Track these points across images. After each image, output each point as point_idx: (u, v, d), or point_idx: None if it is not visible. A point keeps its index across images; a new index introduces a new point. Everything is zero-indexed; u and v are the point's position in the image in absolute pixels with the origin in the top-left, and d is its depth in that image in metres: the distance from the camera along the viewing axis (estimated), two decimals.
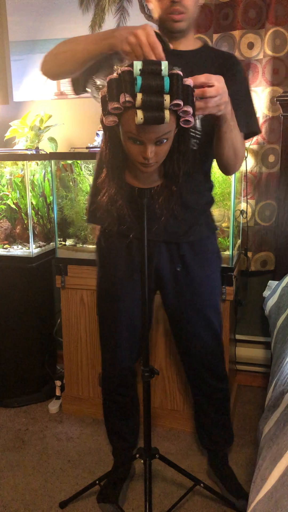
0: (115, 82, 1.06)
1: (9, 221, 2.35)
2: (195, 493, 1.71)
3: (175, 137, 1.16)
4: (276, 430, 1.04)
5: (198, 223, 1.51)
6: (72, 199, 2.13)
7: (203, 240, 1.54)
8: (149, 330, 1.74)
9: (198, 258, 1.54)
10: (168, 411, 2.12)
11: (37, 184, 2.31)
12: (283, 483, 0.83)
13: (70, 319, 2.17)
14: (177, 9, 1.33)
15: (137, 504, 1.70)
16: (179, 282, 1.55)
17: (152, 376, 1.44)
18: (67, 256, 2.13)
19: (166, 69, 1.03)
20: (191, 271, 1.54)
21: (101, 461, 1.93)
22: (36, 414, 2.27)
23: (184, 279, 1.54)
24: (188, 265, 1.53)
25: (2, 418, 2.24)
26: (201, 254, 1.54)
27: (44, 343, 2.39)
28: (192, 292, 1.56)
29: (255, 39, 2.07)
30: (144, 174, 1.22)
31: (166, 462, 1.62)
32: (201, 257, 1.55)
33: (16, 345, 2.30)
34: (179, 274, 1.54)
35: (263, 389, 2.36)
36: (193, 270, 1.54)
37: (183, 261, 1.52)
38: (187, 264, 1.53)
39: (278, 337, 1.68)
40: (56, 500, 1.72)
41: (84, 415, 2.23)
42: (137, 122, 1.03)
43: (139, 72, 1.02)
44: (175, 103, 1.04)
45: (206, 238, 1.56)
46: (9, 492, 1.77)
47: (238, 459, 1.90)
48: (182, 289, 1.56)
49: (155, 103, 1.02)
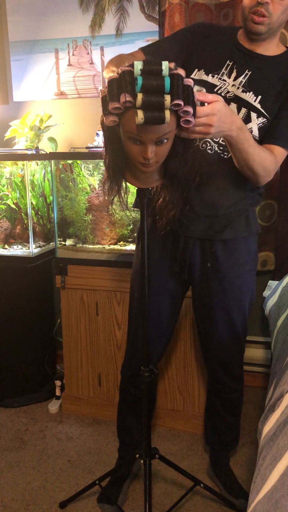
0: (115, 82, 1.06)
1: (9, 221, 2.35)
2: (195, 493, 1.71)
3: (175, 137, 1.16)
4: (276, 430, 1.04)
5: (236, 222, 1.49)
6: (72, 199, 2.13)
7: (239, 240, 1.52)
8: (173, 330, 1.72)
9: (230, 257, 1.52)
10: (168, 411, 2.12)
11: (37, 184, 2.31)
12: (283, 483, 0.83)
13: (70, 319, 2.17)
14: (260, 10, 1.29)
15: (137, 504, 1.70)
16: (208, 279, 1.53)
17: (152, 376, 1.44)
18: (67, 256, 2.13)
19: (167, 69, 1.03)
20: (221, 269, 1.52)
21: (101, 461, 1.93)
22: (36, 414, 2.27)
23: (213, 276, 1.53)
24: (219, 263, 1.51)
25: (2, 418, 2.24)
26: (234, 253, 1.52)
27: (44, 343, 2.39)
28: (219, 291, 1.54)
29: None
30: (145, 174, 1.22)
31: (166, 462, 1.62)
32: (234, 256, 1.52)
33: (16, 345, 2.30)
34: (209, 271, 1.52)
35: (263, 389, 2.36)
36: (224, 269, 1.52)
37: (214, 258, 1.51)
38: (218, 261, 1.51)
39: (278, 337, 1.68)
40: (56, 500, 1.72)
41: (84, 415, 2.23)
42: (138, 122, 1.03)
43: (139, 72, 1.02)
44: (175, 103, 1.04)
45: (243, 239, 1.52)
46: (9, 492, 1.77)
47: (238, 459, 1.90)
48: (210, 286, 1.54)
49: (155, 103, 1.02)
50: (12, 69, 2.53)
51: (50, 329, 2.47)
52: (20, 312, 2.27)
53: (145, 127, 1.06)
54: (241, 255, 1.53)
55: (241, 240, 1.52)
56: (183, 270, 1.54)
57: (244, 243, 1.53)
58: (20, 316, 2.28)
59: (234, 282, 1.54)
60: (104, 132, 1.19)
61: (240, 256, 1.53)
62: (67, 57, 2.43)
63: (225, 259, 1.51)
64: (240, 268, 1.54)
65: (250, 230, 1.53)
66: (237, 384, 1.71)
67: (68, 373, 2.23)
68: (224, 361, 1.66)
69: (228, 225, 1.48)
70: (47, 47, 2.45)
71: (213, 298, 1.56)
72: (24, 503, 1.72)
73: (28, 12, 2.43)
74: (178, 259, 1.53)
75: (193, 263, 1.53)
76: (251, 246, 1.56)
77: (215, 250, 1.50)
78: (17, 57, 2.51)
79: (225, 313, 1.57)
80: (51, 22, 2.41)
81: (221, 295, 1.55)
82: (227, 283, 1.53)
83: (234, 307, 1.57)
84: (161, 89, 1.02)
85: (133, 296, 1.66)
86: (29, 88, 2.52)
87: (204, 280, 1.55)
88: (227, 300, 1.55)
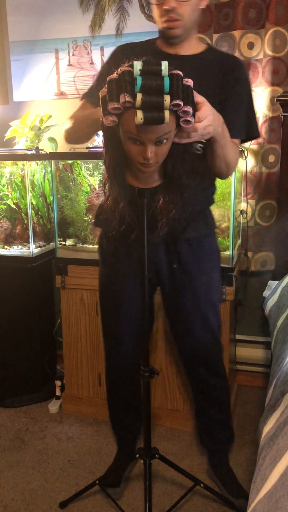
0: (115, 82, 1.06)
1: (9, 221, 2.35)
2: (195, 493, 1.71)
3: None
4: (276, 430, 1.04)
5: (196, 221, 1.53)
6: (72, 199, 2.13)
7: (201, 238, 1.56)
8: (151, 327, 1.75)
9: (195, 256, 1.55)
10: (168, 411, 2.12)
11: (37, 184, 2.31)
12: (283, 483, 0.83)
13: (70, 319, 2.17)
14: (171, 16, 1.33)
15: (137, 504, 1.70)
16: (176, 279, 1.57)
17: (152, 376, 1.44)
18: (67, 256, 2.13)
19: (166, 69, 1.03)
20: (187, 269, 1.55)
21: (101, 461, 1.93)
22: (36, 414, 2.27)
23: (181, 276, 1.56)
24: (185, 262, 1.54)
25: (2, 418, 2.24)
26: (198, 252, 1.55)
27: (44, 343, 2.39)
28: (188, 289, 1.57)
29: (255, 39, 2.07)
30: (144, 174, 1.22)
31: (166, 462, 1.62)
32: (198, 255, 1.56)
33: (16, 345, 2.30)
34: (175, 271, 1.56)
35: (263, 389, 2.36)
36: (190, 268, 1.55)
37: (179, 258, 1.54)
38: (183, 261, 1.54)
39: (278, 337, 1.68)
40: (56, 500, 1.72)
41: (84, 415, 2.23)
42: (137, 122, 1.03)
43: (139, 72, 1.02)
44: (175, 103, 1.04)
45: (205, 237, 1.57)
46: (9, 492, 1.77)
47: (238, 459, 1.90)
48: (179, 286, 1.58)
49: (155, 103, 1.02)
50: (12, 69, 2.53)
51: (50, 329, 2.47)
52: (20, 312, 2.27)
53: (145, 127, 1.06)
54: (204, 253, 1.57)
55: (203, 238, 1.56)
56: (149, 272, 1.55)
57: (206, 240, 1.57)
58: (20, 316, 2.28)
59: (201, 279, 1.57)
60: (104, 132, 1.19)
61: (203, 254, 1.57)
62: (67, 57, 2.43)
63: (189, 258, 1.55)
64: (205, 265, 1.58)
65: (210, 228, 1.59)
66: (221, 381, 1.72)
67: (68, 373, 2.23)
68: (204, 360, 1.67)
69: (188, 225, 1.51)
70: (47, 47, 2.45)
71: (183, 297, 1.59)
72: (24, 503, 1.72)
73: (28, 12, 2.43)
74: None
75: (160, 266, 1.56)
76: (212, 243, 1.61)
77: (179, 250, 1.53)
78: (17, 57, 2.51)
79: (197, 309, 1.60)
80: (51, 22, 2.41)
81: (190, 293, 1.58)
82: (194, 281, 1.57)
83: (205, 303, 1.60)
84: (161, 89, 1.02)
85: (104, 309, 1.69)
86: (29, 88, 2.52)
87: (172, 281, 1.58)
88: (197, 298, 1.59)
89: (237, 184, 1.98)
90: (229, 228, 1.98)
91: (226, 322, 1.98)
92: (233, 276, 1.93)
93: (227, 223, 2.01)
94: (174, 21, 1.34)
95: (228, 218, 2.00)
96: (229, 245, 1.97)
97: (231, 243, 1.95)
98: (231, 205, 1.94)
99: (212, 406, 1.75)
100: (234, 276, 1.96)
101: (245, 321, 2.41)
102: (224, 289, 1.91)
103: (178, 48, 1.43)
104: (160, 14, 1.35)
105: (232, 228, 1.95)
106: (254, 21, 2.05)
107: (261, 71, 2.08)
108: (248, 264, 2.27)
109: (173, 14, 1.33)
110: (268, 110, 2.09)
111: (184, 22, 1.35)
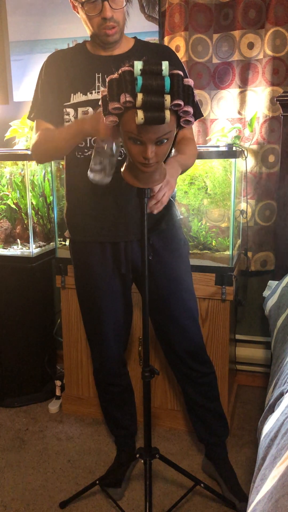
0: (115, 81, 1.06)
1: (9, 221, 2.35)
2: (195, 493, 1.71)
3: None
4: (276, 430, 1.04)
5: (163, 214, 1.58)
6: None
7: (169, 229, 1.62)
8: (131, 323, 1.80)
9: (167, 245, 1.62)
10: (168, 411, 2.12)
11: (37, 184, 2.31)
12: (283, 483, 0.83)
13: (70, 319, 2.17)
14: (110, 25, 1.41)
15: (137, 504, 1.70)
16: (153, 270, 1.60)
17: (152, 376, 1.44)
18: (67, 256, 2.12)
19: (167, 69, 1.03)
20: (162, 258, 1.61)
21: (101, 461, 1.93)
22: (36, 414, 2.27)
23: (157, 266, 1.61)
24: (159, 253, 1.60)
25: (2, 418, 2.24)
26: (169, 241, 1.62)
27: (44, 343, 2.39)
28: (166, 277, 1.62)
29: (255, 39, 2.07)
30: (145, 174, 1.22)
31: (166, 462, 1.62)
32: (170, 244, 1.62)
33: (16, 345, 2.30)
34: (150, 263, 1.59)
35: (263, 389, 2.36)
36: (164, 257, 1.61)
37: (153, 249, 1.59)
38: (157, 252, 1.60)
39: (278, 337, 1.68)
40: (56, 500, 1.72)
41: (84, 415, 2.23)
42: (138, 122, 1.03)
43: (139, 72, 1.02)
44: (175, 103, 1.04)
45: (172, 226, 1.63)
46: (9, 492, 1.77)
47: (238, 459, 1.90)
48: (156, 275, 1.62)
49: (155, 103, 1.02)
50: (12, 69, 2.53)
51: (50, 329, 2.47)
52: (20, 312, 2.27)
53: (145, 127, 1.06)
54: (175, 241, 1.64)
55: (171, 228, 1.62)
56: (127, 270, 1.62)
57: (174, 230, 1.64)
58: (20, 316, 2.28)
59: (173, 266, 1.64)
60: None
61: (174, 242, 1.64)
62: None
63: (162, 247, 1.61)
64: (177, 252, 1.64)
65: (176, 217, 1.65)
66: (208, 367, 1.74)
67: (68, 373, 2.23)
68: (189, 348, 1.69)
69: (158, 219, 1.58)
70: (47, 47, 2.45)
71: (160, 287, 1.63)
72: (24, 503, 1.72)
73: (28, 12, 2.43)
74: (122, 262, 1.60)
75: (135, 260, 1.61)
76: (179, 232, 1.68)
77: (152, 242, 1.58)
78: (17, 57, 2.51)
79: (177, 297, 1.64)
80: (51, 22, 2.41)
81: (166, 282, 1.63)
82: (169, 268, 1.63)
83: (183, 289, 1.65)
84: (161, 89, 1.02)
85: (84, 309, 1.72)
86: (29, 88, 2.52)
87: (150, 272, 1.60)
88: (173, 285, 1.63)
89: (237, 184, 1.98)
90: (229, 228, 1.98)
91: (226, 322, 1.98)
92: (233, 276, 1.94)
93: (227, 223, 2.02)
94: (112, 29, 1.43)
95: (228, 218, 2.00)
96: (229, 245, 1.97)
97: (231, 243, 1.95)
98: (231, 205, 1.94)
99: (199, 394, 1.74)
100: (234, 276, 1.96)
101: (245, 321, 2.42)
102: (224, 289, 1.92)
103: (111, 50, 1.50)
104: (99, 23, 1.41)
105: (232, 228, 1.95)
106: (254, 21, 2.05)
107: (261, 71, 2.08)
108: (248, 264, 2.27)
109: (112, 22, 1.41)
110: (268, 110, 2.09)
111: (120, 27, 1.45)
